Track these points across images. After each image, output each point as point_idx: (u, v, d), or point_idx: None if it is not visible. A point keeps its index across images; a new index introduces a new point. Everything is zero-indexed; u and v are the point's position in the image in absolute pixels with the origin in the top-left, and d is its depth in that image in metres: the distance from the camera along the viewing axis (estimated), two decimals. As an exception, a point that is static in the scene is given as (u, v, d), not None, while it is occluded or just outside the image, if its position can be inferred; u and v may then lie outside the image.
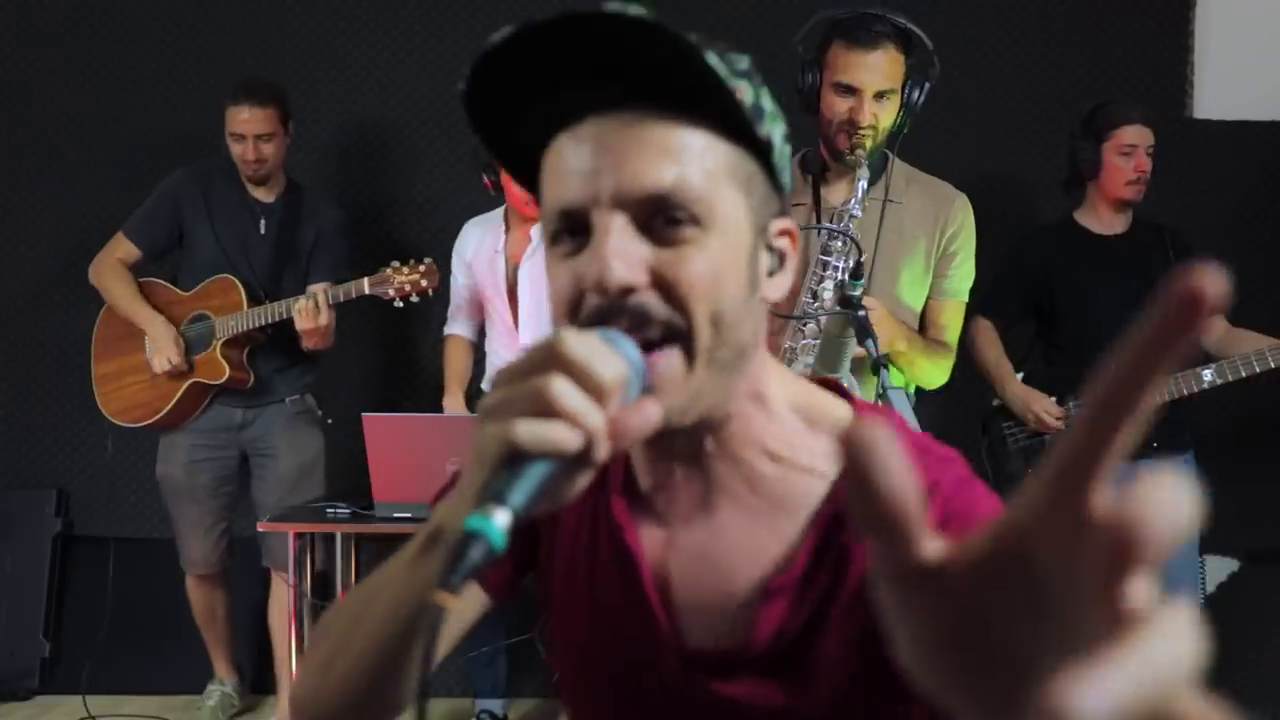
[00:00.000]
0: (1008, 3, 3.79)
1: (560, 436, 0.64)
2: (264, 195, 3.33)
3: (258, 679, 3.84)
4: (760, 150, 0.80)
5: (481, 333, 3.39)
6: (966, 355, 3.04)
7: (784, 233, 0.85)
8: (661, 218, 0.77)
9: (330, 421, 3.50)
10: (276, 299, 3.20)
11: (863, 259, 1.72)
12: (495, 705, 3.49)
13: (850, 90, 2.08)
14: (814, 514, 0.85)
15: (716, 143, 0.79)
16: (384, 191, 3.87)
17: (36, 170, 3.86)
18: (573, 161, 0.78)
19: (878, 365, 1.57)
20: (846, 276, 1.78)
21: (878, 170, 2.15)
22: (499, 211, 3.29)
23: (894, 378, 1.99)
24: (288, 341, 3.25)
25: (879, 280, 2.16)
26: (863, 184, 2.08)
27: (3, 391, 3.89)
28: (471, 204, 3.55)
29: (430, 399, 3.84)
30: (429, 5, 3.83)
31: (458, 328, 3.38)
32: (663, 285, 0.76)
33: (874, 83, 2.07)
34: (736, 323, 0.79)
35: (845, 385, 1.79)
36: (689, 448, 0.85)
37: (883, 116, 2.10)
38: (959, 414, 3.22)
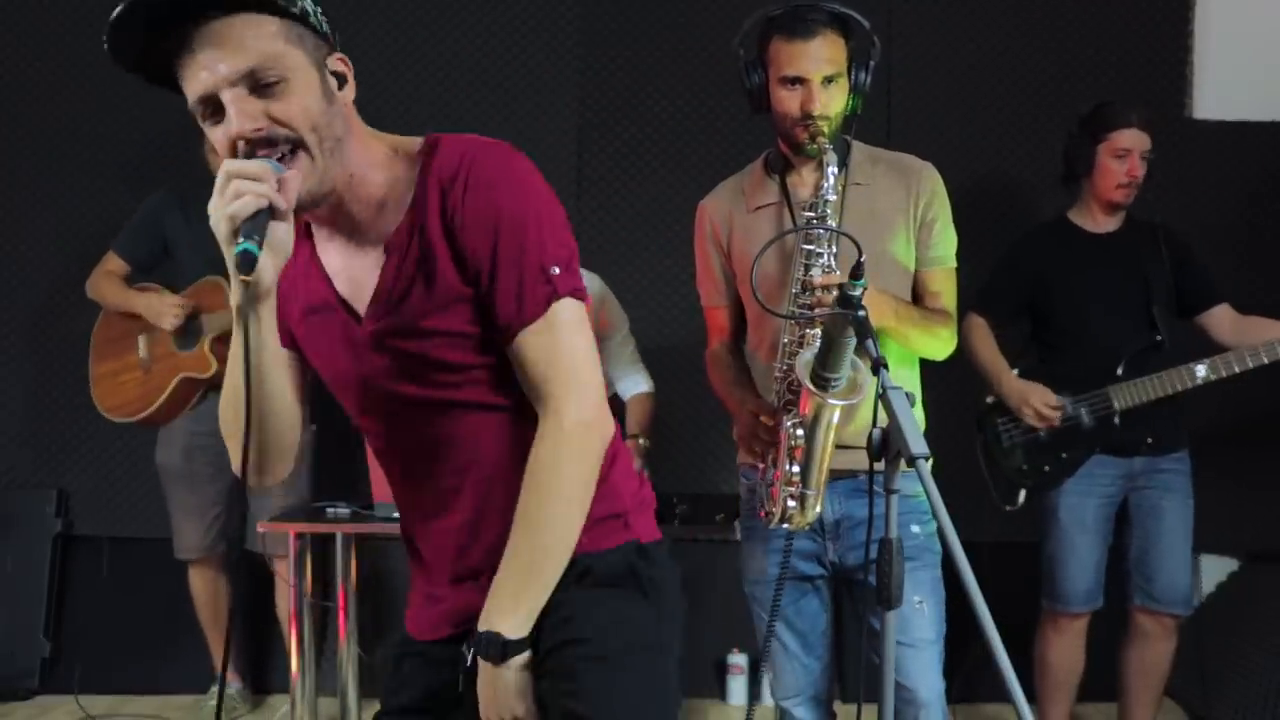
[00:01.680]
0: (1008, 3, 3.79)
1: (250, 201, 1.21)
2: None
3: (258, 679, 3.84)
4: (299, 18, 1.28)
5: None
6: (964, 356, 3.05)
7: (339, 61, 1.33)
8: (261, 81, 1.24)
9: (314, 426, 3.50)
10: None
11: (863, 259, 1.71)
12: None
13: (798, 81, 2.11)
14: (411, 200, 1.36)
15: (273, 24, 1.26)
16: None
17: (36, 170, 3.87)
18: (193, 65, 1.25)
19: (878, 365, 1.56)
20: (845, 275, 1.78)
21: (839, 156, 2.15)
22: None
23: (895, 377, 1.99)
24: None
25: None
26: (832, 169, 2.10)
27: (3, 392, 3.89)
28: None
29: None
30: (429, 6, 3.83)
31: None
32: (278, 122, 1.25)
33: (819, 70, 2.09)
34: (328, 124, 1.29)
35: (848, 381, 1.81)
36: (331, 200, 1.35)
37: (833, 102, 2.12)
38: (957, 412, 3.21)
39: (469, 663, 1.38)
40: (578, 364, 1.36)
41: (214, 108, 1.26)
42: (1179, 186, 3.59)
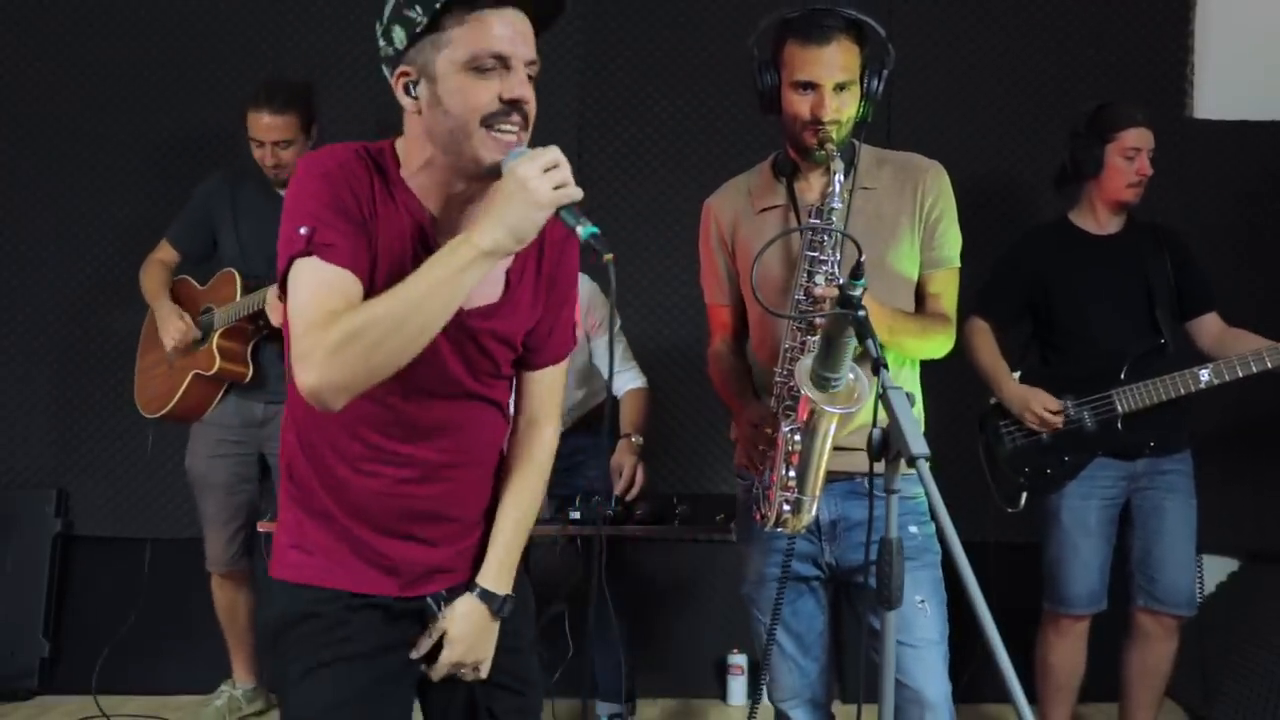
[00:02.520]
0: (1008, 3, 3.79)
1: (577, 192, 1.46)
2: None
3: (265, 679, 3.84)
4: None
5: None
6: (965, 358, 3.05)
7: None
8: (530, 74, 1.52)
9: None
10: None
11: (863, 259, 1.71)
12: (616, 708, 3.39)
13: (810, 86, 2.10)
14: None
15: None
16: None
17: (36, 170, 3.86)
18: (501, 30, 1.49)
19: (878, 365, 1.56)
20: (846, 276, 1.78)
21: (846, 160, 2.15)
22: None
23: (895, 377, 1.98)
24: None
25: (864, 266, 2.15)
26: (839, 176, 2.09)
27: (3, 392, 3.89)
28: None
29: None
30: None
31: None
32: (529, 103, 1.52)
33: (832, 76, 2.08)
34: None
35: (849, 382, 1.81)
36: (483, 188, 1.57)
37: (845, 109, 2.11)
38: (958, 413, 3.22)
39: (439, 612, 1.68)
40: (563, 395, 1.81)
41: (499, 65, 1.48)
42: (1179, 186, 3.59)
